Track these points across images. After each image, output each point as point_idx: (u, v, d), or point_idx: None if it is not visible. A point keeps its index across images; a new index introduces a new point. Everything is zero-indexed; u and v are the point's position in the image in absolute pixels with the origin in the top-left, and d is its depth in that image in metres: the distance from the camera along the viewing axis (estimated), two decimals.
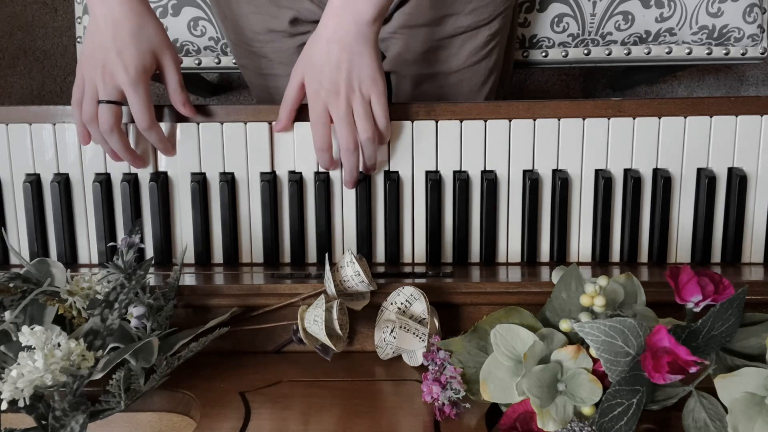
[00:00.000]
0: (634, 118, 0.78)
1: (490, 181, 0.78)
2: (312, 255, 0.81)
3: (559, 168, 0.79)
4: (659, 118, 0.78)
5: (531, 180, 0.78)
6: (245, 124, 0.79)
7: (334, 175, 0.80)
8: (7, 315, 0.62)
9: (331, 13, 0.72)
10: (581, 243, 0.80)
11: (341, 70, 0.72)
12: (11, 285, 0.63)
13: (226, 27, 0.96)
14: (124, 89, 0.73)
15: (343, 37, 0.71)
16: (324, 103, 0.73)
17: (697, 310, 0.59)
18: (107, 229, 0.81)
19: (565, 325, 0.59)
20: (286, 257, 0.81)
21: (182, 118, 0.79)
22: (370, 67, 0.73)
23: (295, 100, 0.77)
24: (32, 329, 0.55)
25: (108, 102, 0.74)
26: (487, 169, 0.79)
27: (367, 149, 0.75)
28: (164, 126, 0.79)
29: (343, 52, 0.72)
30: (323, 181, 0.79)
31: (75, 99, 0.76)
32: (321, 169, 0.79)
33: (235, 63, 1.06)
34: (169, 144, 0.79)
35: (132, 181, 0.80)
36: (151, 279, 0.73)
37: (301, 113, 0.78)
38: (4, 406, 0.52)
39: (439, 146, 0.79)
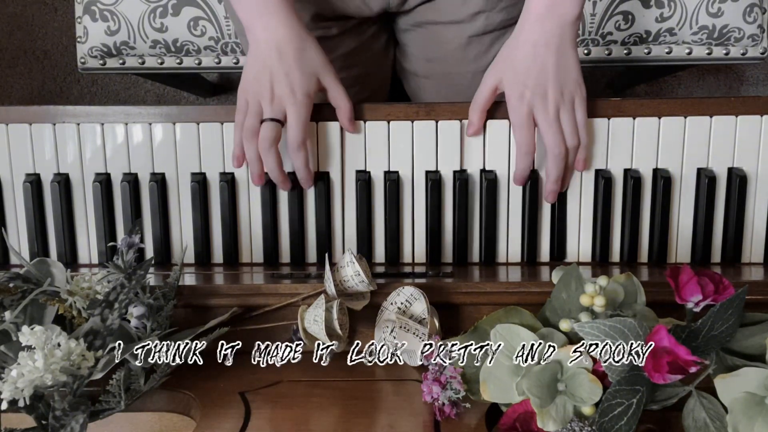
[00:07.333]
0: (634, 118, 0.78)
1: (490, 181, 0.78)
2: (312, 255, 0.81)
3: None
4: (659, 118, 0.78)
5: (531, 180, 0.78)
6: None
7: (334, 175, 0.80)
8: (7, 315, 0.61)
9: (534, 16, 0.73)
10: (581, 243, 0.80)
11: (548, 72, 0.72)
12: (11, 285, 0.63)
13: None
14: (288, 111, 0.74)
15: (549, 40, 0.72)
16: (530, 106, 0.73)
17: (697, 310, 0.59)
18: (107, 229, 0.81)
19: (565, 325, 0.59)
20: (286, 257, 0.81)
21: (182, 118, 0.79)
22: (574, 70, 0.74)
23: (487, 102, 0.76)
24: (32, 329, 0.55)
25: (272, 120, 0.74)
26: (487, 169, 0.79)
27: (572, 154, 0.76)
28: (167, 126, 0.79)
29: (550, 55, 0.72)
30: (323, 181, 0.79)
31: (237, 122, 0.76)
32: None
33: (235, 63, 1.06)
34: (311, 173, 0.78)
35: (132, 181, 0.80)
36: (151, 279, 0.73)
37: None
38: (4, 406, 0.52)
39: (439, 146, 0.79)
